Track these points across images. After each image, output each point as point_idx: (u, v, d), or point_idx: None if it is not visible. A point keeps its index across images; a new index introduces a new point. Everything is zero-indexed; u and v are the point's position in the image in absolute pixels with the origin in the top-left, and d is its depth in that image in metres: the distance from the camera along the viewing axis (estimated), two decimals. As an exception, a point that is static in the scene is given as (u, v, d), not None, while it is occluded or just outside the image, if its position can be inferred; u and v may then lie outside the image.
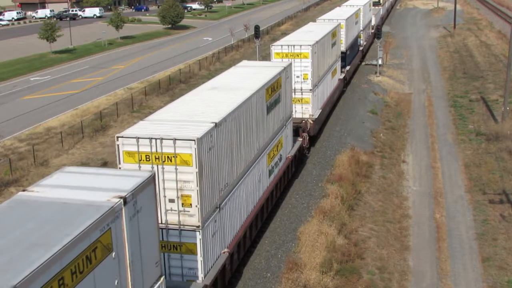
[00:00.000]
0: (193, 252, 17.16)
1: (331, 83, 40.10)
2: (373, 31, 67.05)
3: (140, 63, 68.33)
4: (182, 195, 16.81)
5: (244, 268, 21.78)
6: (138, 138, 16.72)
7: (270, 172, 24.88)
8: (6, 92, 54.75)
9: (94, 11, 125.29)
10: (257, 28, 57.44)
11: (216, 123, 17.88)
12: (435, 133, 40.53)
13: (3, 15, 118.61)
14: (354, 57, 53.18)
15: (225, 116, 18.80)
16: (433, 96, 50.71)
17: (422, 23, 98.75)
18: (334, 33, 40.57)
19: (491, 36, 77.63)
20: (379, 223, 26.45)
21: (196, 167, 16.45)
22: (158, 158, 16.67)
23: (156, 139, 16.59)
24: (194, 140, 16.35)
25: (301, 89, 32.87)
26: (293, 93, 30.73)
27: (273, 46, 33.14)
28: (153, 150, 16.65)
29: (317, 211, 25.73)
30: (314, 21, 50.21)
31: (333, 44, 40.43)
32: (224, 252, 18.91)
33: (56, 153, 35.17)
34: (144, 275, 13.09)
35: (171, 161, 16.57)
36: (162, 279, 14.01)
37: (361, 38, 59.53)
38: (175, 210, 16.88)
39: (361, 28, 59.26)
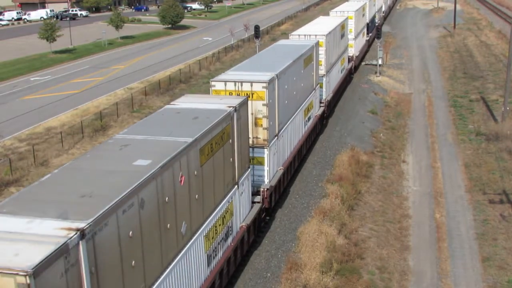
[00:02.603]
0: None
1: (362, 40, 61.13)
2: (383, 14, 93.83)
3: (140, 63, 68.34)
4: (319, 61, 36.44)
5: (244, 268, 21.78)
6: (299, 35, 38.64)
7: (341, 71, 46.21)
8: (6, 92, 54.75)
9: (41, 12, 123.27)
10: (257, 28, 57.44)
11: (329, 31, 38.74)
12: (435, 133, 40.54)
13: (3, 15, 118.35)
14: (372, 29, 71.60)
15: (330, 30, 39.62)
16: (433, 96, 50.72)
17: (422, 23, 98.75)
18: (363, 8, 60.97)
19: (491, 36, 77.65)
20: (379, 223, 26.45)
21: (325, 47, 37.24)
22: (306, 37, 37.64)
23: (306, 35, 37.93)
24: (325, 35, 37.34)
25: (348, 38, 50.56)
26: None
27: (331, 12, 54.81)
28: (303, 37, 37.78)
29: (317, 211, 25.73)
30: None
31: (363, 15, 60.64)
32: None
33: (56, 153, 35.18)
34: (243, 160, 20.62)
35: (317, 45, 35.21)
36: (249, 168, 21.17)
37: (376, 18, 78.82)
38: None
39: (376, 10, 78.62)
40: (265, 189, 23.39)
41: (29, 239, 10.00)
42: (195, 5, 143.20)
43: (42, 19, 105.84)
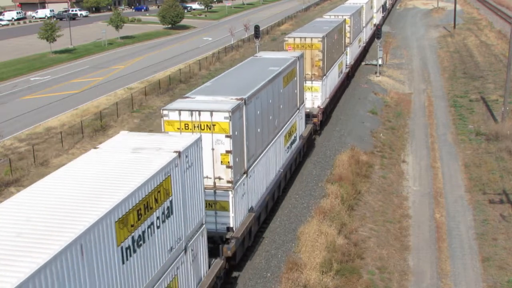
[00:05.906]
0: None
1: (379, 15, 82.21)
2: (391, 1, 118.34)
3: (140, 63, 68.36)
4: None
5: (244, 268, 21.80)
6: (350, 3, 65.18)
7: (371, 29, 68.98)
8: (6, 92, 54.76)
9: (45, 11, 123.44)
10: (257, 28, 57.44)
11: (366, 2, 63.23)
12: (435, 133, 40.54)
13: (3, 15, 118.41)
14: (385, 10, 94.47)
15: (366, 1, 63.61)
16: (433, 96, 50.73)
17: (422, 23, 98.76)
18: None
19: (491, 36, 77.64)
20: (379, 223, 26.45)
21: (364, 10, 62.15)
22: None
23: (354, 3, 63.78)
24: (365, 3, 62.61)
25: (373, 11, 72.89)
26: None
27: None
28: (353, 4, 62.36)
29: (317, 211, 25.73)
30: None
31: None
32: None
33: (56, 153, 35.18)
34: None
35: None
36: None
37: (387, 3, 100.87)
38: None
39: None
40: (350, 64, 49.57)
41: None
42: (195, 5, 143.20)
43: (46, 17, 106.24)
